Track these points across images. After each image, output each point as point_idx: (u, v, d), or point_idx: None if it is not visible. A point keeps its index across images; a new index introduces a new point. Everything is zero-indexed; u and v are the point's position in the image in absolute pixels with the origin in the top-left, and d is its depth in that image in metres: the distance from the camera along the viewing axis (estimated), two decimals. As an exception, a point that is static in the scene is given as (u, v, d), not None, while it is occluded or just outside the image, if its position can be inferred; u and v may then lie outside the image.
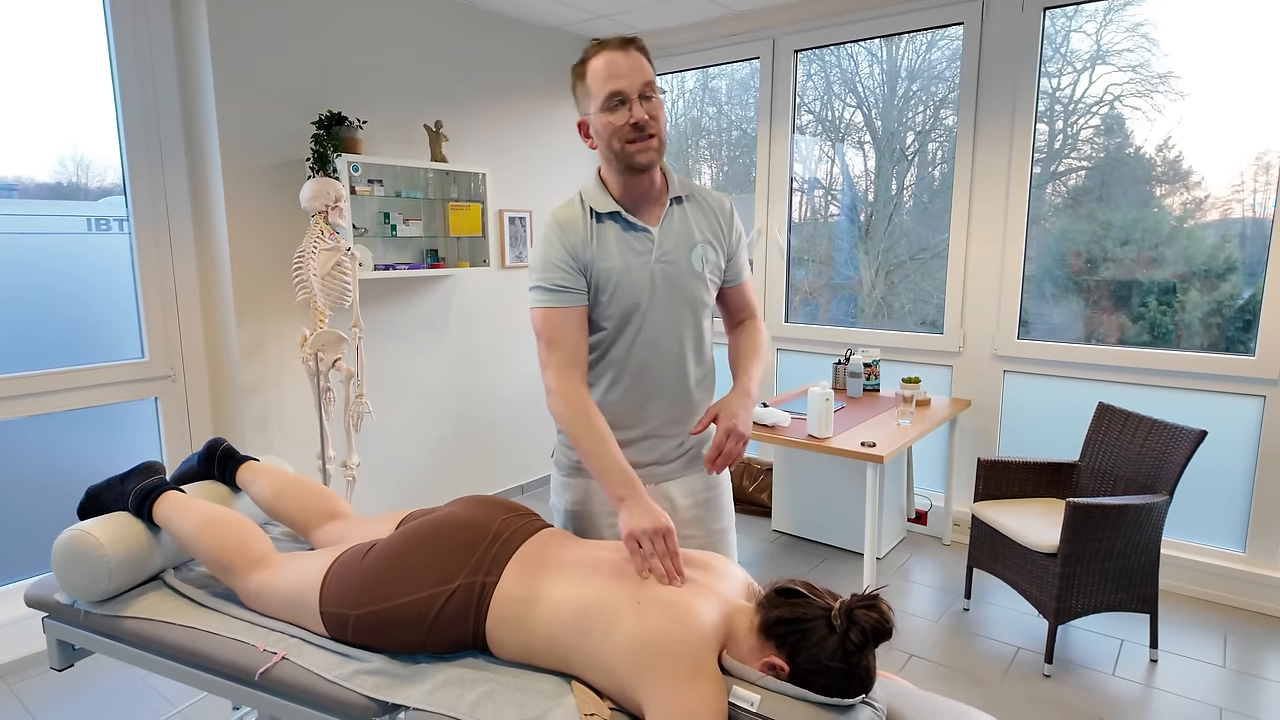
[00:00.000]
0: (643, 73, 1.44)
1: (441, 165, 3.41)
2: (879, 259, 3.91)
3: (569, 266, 1.49)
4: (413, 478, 3.72)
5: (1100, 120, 3.22)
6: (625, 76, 1.43)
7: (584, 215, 1.52)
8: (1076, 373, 3.32)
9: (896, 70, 3.75)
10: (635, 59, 1.44)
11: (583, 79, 1.48)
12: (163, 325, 2.95)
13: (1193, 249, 3.05)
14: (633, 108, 1.43)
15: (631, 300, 1.51)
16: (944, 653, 2.70)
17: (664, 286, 1.53)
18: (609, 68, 1.43)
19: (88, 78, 2.71)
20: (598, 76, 1.45)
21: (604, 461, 1.40)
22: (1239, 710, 2.36)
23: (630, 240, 1.52)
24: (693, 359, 1.59)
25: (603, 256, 1.50)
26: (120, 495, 1.64)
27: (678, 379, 1.58)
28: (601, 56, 1.45)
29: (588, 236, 1.51)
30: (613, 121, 1.44)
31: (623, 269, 1.50)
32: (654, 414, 1.58)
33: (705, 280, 1.58)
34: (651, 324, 1.53)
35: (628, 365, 1.55)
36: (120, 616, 1.51)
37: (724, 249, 1.62)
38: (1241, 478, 3.03)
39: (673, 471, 1.64)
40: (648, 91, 1.44)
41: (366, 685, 1.26)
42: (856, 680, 1.13)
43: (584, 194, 1.55)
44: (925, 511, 3.74)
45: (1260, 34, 2.82)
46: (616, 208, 1.52)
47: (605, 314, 1.53)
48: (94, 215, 2.80)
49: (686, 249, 1.55)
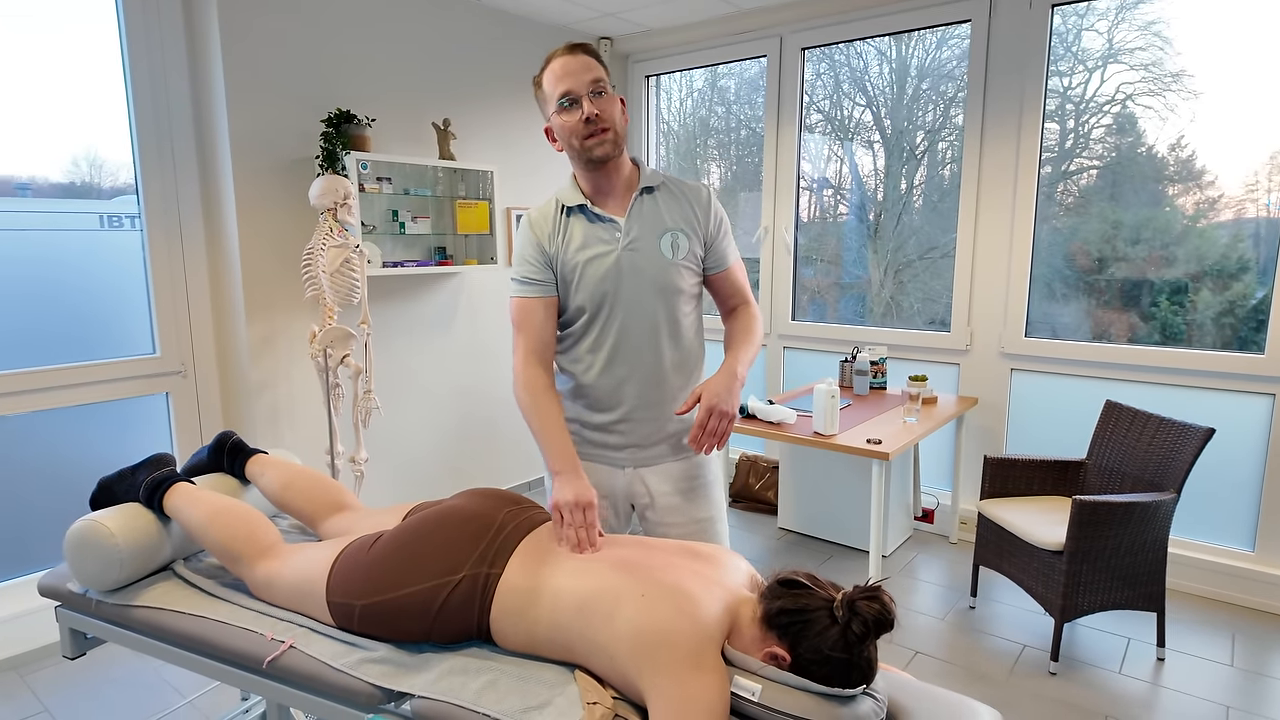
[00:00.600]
0: (590, 70, 1.51)
1: (449, 163, 3.43)
2: (888, 258, 3.90)
3: (537, 260, 1.62)
4: (420, 473, 3.74)
5: (1112, 119, 3.20)
6: (574, 75, 1.50)
7: (554, 211, 1.64)
8: (1084, 371, 3.31)
9: (906, 69, 3.74)
10: (583, 59, 1.51)
11: (540, 86, 1.57)
12: (174, 321, 2.98)
13: (1205, 248, 3.03)
14: (583, 104, 1.51)
15: (599, 287, 1.59)
16: (950, 650, 2.69)
17: (632, 273, 1.59)
18: (558, 71, 1.52)
19: (101, 79, 2.74)
20: (550, 80, 1.53)
21: (547, 438, 1.53)
22: (1247, 709, 2.35)
23: (598, 231, 1.61)
24: (668, 344, 1.64)
25: (570, 248, 1.61)
26: (131, 486, 1.66)
27: (651, 363, 1.63)
28: (554, 62, 1.53)
29: (554, 230, 1.62)
30: (567, 121, 1.53)
31: (589, 258, 1.59)
32: (628, 396, 1.64)
33: (678, 267, 1.62)
34: (622, 309, 1.60)
35: (601, 349, 1.63)
36: (131, 605, 1.53)
37: (700, 236, 1.65)
38: (1251, 476, 3.01)
39: (654, 457, 1.69)
40: (597, 88, 1.52)
41: (372, 673, 1.28)
42: (858, 671, 1.13)
43: (558, 192, 1.66)
44: (932, 510, 3.74)
45: (1275, 31, 2.80)
46: (583, 201, 1.61)
47: (576, 301, 1.62)
48: (106, 212, 2.83)
49: (655, 236, 1.61)
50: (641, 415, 1.65)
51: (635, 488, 1.70)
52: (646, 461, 1.69)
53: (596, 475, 1.70)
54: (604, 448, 1.69)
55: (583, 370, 1.66)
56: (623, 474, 1.70)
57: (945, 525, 3.72)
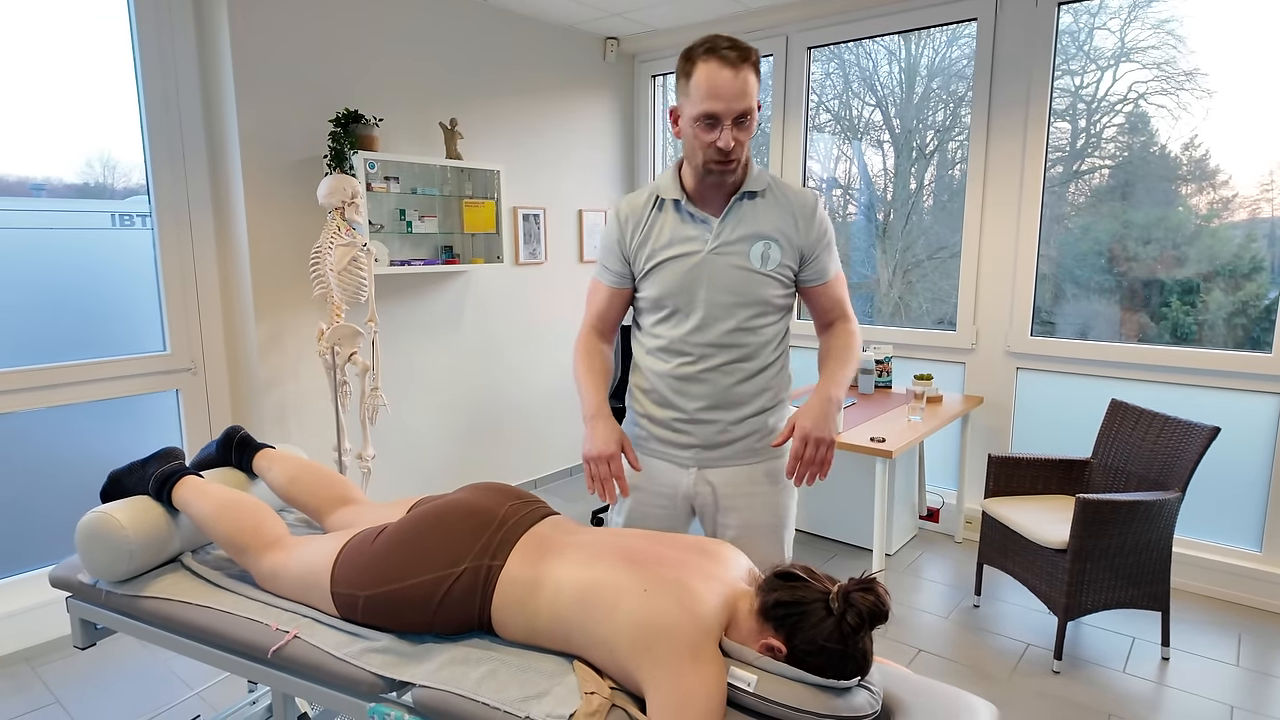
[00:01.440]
0: (744, 98, 1.43)
1: (456, 162, 3.45)
2: (896, 258, 3.90)
3: (614, 252, 1.65)
4: (427, 470, 3.77)
5: (1124, 118, 3.19)
6: (724, 100, 1.42)
7: (645, 202, 1.63)
8: (1090, 370, 3.30)
9: (916, 68, 3.74)
10: (742, 80, 1.42)
11: (686, 78, 1.46)
12: (184, 319, 3.01)
13: (1217, 248, 3.02)
14: (723, 133, 1.44)
15: (679, 286, 1.58)
16: (953, 648, 2.69)
17: (714, 277, 1.56)
18: (711, 85, 1.42)
19: (113, 80, 2.78)
20: (699, 88, 1.43)
21: (582, 390, 1.62)
22: (1252, 709, 2.35)
23: (688, 229, 1.58)
24: (744, 352, 1.59)
25: (655, 242, 1.60)
26: (141, 479, 1.68)
27: (724, 369, 1.60)
28: (710, 66, 1.42)
29: (640, 223, 1.61)
30: (701, 136, 1.47)
31: (673, 256, 1.57)
32: (697, 397, 1.61)
33: (766, 277, 1.57)
34: (699, 311, 1.58)
35: (673, 346, 1.61)
36: (140, 596, 1.55)
37: (796, 247, 1.59)
38: (1258, 476, 3.00)
39: (720, 459, 1.65)
40: (744, 120, 1.44)
41: (375, 663, 1.30)
42: (853, 662, 1.15)
43: (657, 180, 1.64)
44: (937, 509, 3.73)
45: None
46: (679, 196, 1.57)
47: (655, 294, 1.61)
48: (118, 211, 2.87)
49: (748, 243, 1.56)
50: (709, 418, 1.62)
51: (699, 488, 1.66)
52: (711, 463, 1.65)
53: (660, 473, 1.69)
54: (669, 445, 1.67)
55: (655, 362, 1.65)
56: (686, 473, 1.67)
57: (950, 524, 3.71)
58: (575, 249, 4.39)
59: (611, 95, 4.51)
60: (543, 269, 4.20)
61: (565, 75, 4.19)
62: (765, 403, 1.64)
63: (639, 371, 1.70)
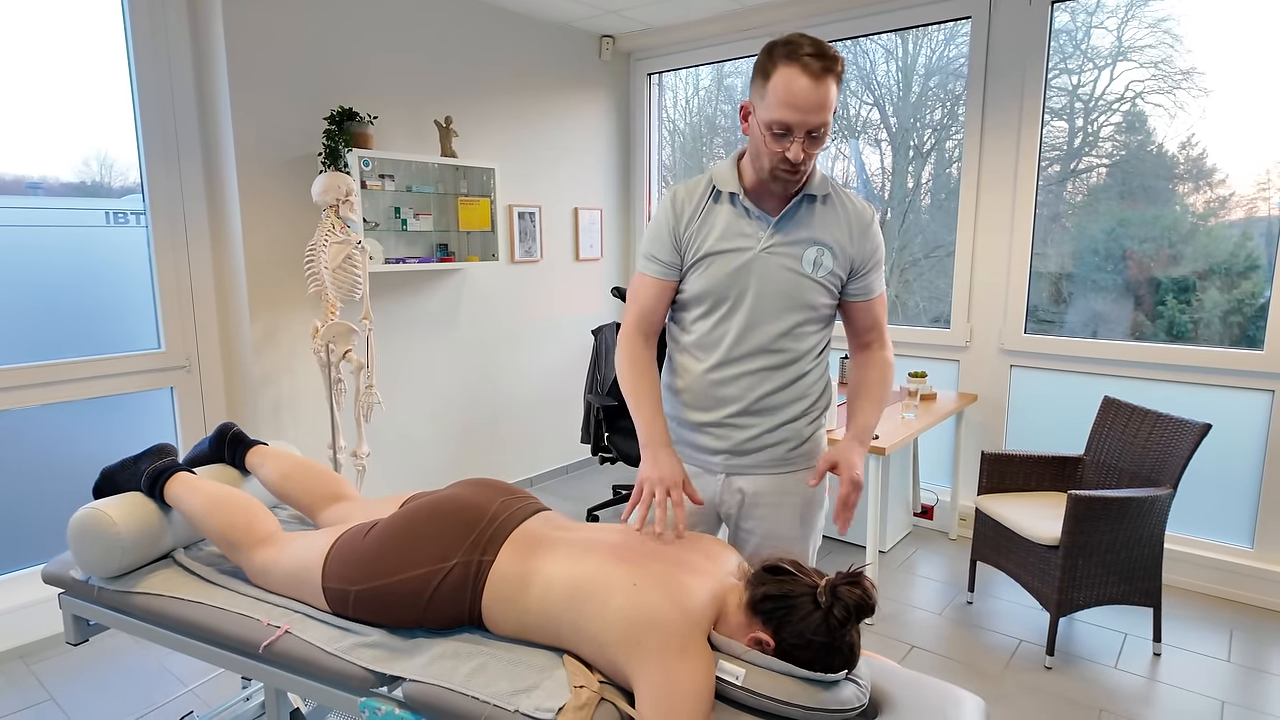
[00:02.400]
0: (821, 111, 1.36)
1: (451, 160, 3.46)
2: (893, 257, 3.91)
3: (664, 240, 1.56)
4: (422, 468, 3.77)
5: (1121, 117, 3.20)
6: (801, 111, 1.35)
7: (702, 192, 1.56)
8: (1084, 367, 3.31)
9: (914, 67, 3.75)
10: (823, 92, 1.35)
11: (765, 78, 1.39)
12: (178, 317, 3.01)
13: (1213, 247, 3.03)
14: (793, 146, 1.39)
15: (726, 282, 1.52)
16: (946, 644, 2.70)
17: (763, 277, 1.51)
18: (790, 93, 1.35)
19: (108, 79, 2.77)
20: (777, 93, 1.36)
21: (641, 414, 1.51)
22: (1242, 704, 2.36)
23: (743, 224, 1.52)
24: (782, 357, 1.55)
25: (707, 234, 1.53)
26: (133, 476, 1.69)
27: (760, 373, 1.55)
28: (791, 72, 1.35)
29: (695, 213, 1.54)
30: (770, 144, 1.41)
31: (724, 250, 1.52)
32: (732, 400, 1.56)
33: (816, 283, 1.52)
34: (744, 311, 1.53)
35: (711, 345, 1.56)
36: (132, 592, 1.56)
37: (848, 258, 1.55)
38: (1250, 473, 3.01)
39: (750, 466, 1.60)
40: (817, 131, 1.39)
41: (365, 658, 1.30)
42: (840, 655, 1.15)
43: (714, 169, 1.57)
44: (931, 506, 3.74)
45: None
46: (737, 189, 1.52)
47: (700, 288, 1.55)
48: (112, 209, 2.87)
49: (801, 247, 1.51)
50: (742, 423, 1.57)
51: (726, 495, 1.62)
52: (741, 470, 1.60)
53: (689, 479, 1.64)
54: (699, 450, 1.62)
55: (692, 362, 1.59)
56: (714, 479, 1.62)
57: (945, 521, 3.72)
58: (571, 247, 4.39)
59: (607, 94, 4.51)
60: (538, 267, 4.21)
61: (560, 73, 4.19)
62: (800, 410, 1.59)
63: (672, 370, 1.65)
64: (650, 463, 1.43)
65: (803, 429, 1.60)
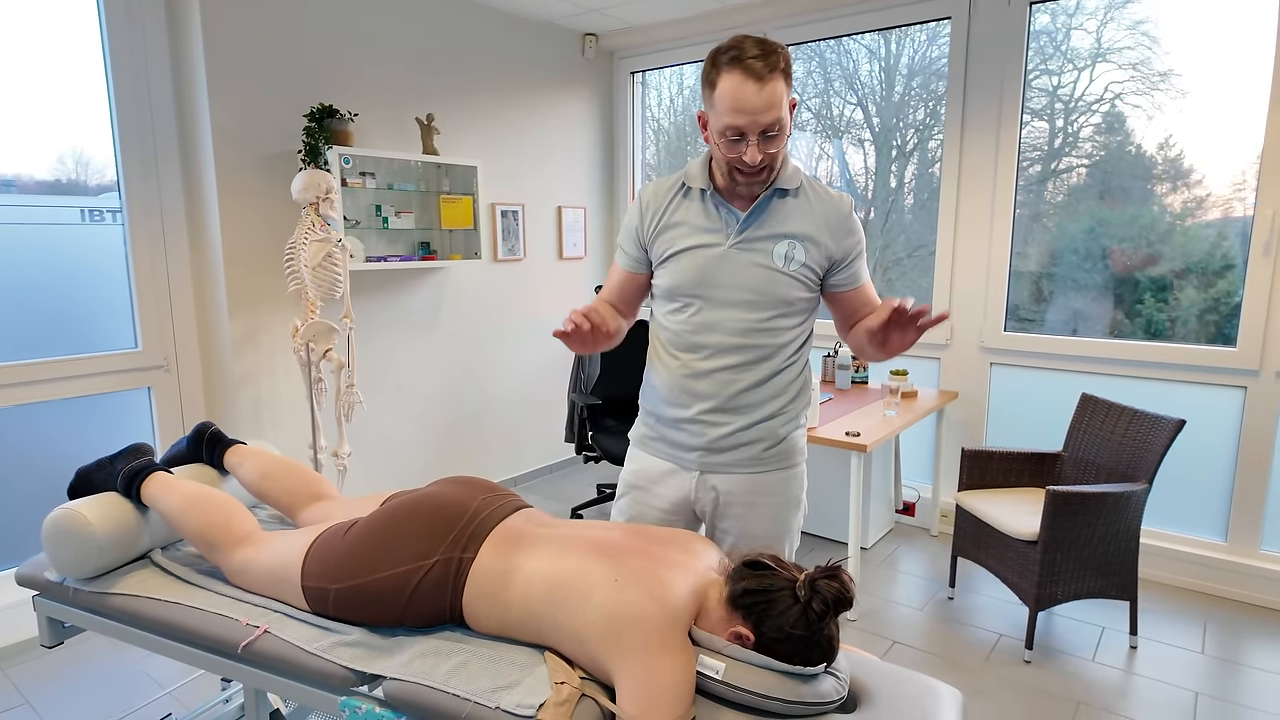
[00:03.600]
0: (770, 110, 1.35)
1: (433, 158, 3.44)
2: (876, 256, 3.93)
3: (631, 236, 1.63)
4: (404, 468, 3.75)
5: (1101, 118, 3.23)
6: (749, 114, 1.35)
7: (670, 188, 1.59)
8: (1062, 365, 3.35)
9: (896, 67, 3.77)
10: (769, 91, 1.34)
11: (712, 87, 1.39)
12: (156, 316, 2.98)
13: (1190, 246, 3.07)
14: (749, 150, 1.38)
15: (695, 277, 1.53)
16: (927, 640, 2.73)
17: (732, 272, 1.51)
18: (736, 98, 1.34)
19: (84, 76, 2.74)
20: (724, 100, 1.36)
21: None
22: (1215, 695, 2.40)
23: (712, 220, 1.53)
24: (757, 353, 1.54)
25: (675, 230, 1.56)
26: (109, 476, 1.67)
27: (734, 369, 1.54)
28: (734, 78, 1.34)
29: (662, 208, 1.57)
30: (727, 151, 1.41)
31: (693, 245, 1.53)
32: (703, 397, 1.56)
33: (787, 277, 1.51)
34: (714, 306, 1.53)
35: (684, 340, 1.57)
36: (108, 593, 1.54)
37: (822, 250, 1.53)
38: (1223, 468, 3.06)
39: (724, 464, 1.59)
40: (771, 131, 1.38)
41: (345, 656, 1.29)
42: (819, 649, 1.16)
43: (688, 167, 1.59)
44: (913, 503, 3.77)
45: (1261, 32, 2.84)
46: (707, 186, 1.53)
47: (667, 284, 1.57)
48: (88, 207, 2.83)
49: (771, 240, 1.51)
50: (716, 419, 1.56)
51: (701, 493, 1.62)
52: (715, 468, 1.60)
53: (664, 475, 1.65)
54: (675, 446, 1.62)
55: (667, 357, 1.60)
56: (689, 477, 1.62)
57: (926, 518, 3.76)
58: (554, 246, 4.39)
59: (590, 92, 4.50)
60: (522, 265, 4.20)
61: (543, 71, 4.18)
62: (775, 409, 1.58)
63: (652, 364, 1.65)
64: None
65: (777, 429, 1.59)
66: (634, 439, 1.74)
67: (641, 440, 1.71)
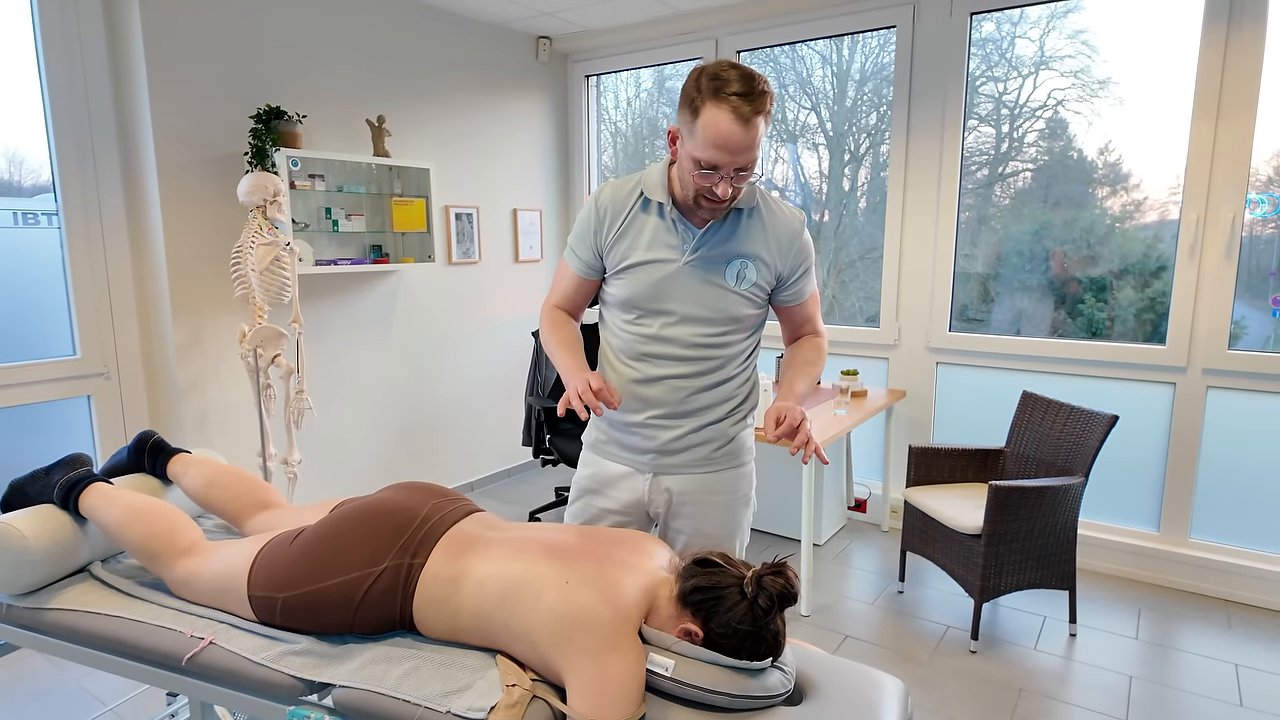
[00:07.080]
0: (748, 153, 1.38)
1: (385, 160, 3.40)
2: (830, 258, 4.01)
3: (586, 241, 1.61)
4: (356, 475, 3.70)
5: (1045, 124, 3.35)
6: (730, 153, 1.37)
7: (628, 195, 1.57)
8: (1005, 363, 3.46)
9: (849, 73, 3.85)
10: (752, 134, 1.36)
11: (694, 114, 1.38)
12: (95, 321, 2.89)
13: (1127, 248, 3.20)
14: (721, 184, 1.41)
15: (650, 291, 1.54)
16: (878, 633, 2.80)
17: (686, 289, 1.53)
18: (720, 135, 1.35)
19: (14, 69, 2.64)
20: (706, 133, 1.36)
21: (562, 358, 1.56)
22: (1148, 678, 2.51)
23: (668, 236, 1.54)
24: (706, 365, 1.57)
25: (629, 241, 1.55)
26: (45, 487, 1.62)
27: (684, 378, 1.57)
28: (720, 114, 1.35)
29: (618, 219, 1.56)
30: (698, 180, 1.42)
31: (649, 260, 1.54)
32: (654, 403, 1.59)
33: (739, 296, 1.55)
34: (667, 320, 1.55)
35: (635, 349, 1.59)
36: (45, 609, 1.49)
37: (774, 269, 1.57)
38: (1155, 461, 3.20)
39: (676, 465, 1.63)
40: (745, 168, 1.40)
41: (294, 665, 1.28)
42: (765, 644, 1.19)
43: (646, 174, 1.57)
44: (864, 499, 3.86)
45: (1187, 44, 2.96)
46: (665, 201, 1.53)
47: (621, 296, 1.58)
48: (21, 209, 2.73)
49: (724, 259, 1.53)
50: (667, 424, 1.60)
51: (654, 494, 1.65)
52: (668, 469, 1.63)
53: (616, 477, 1.68)
54: (627, 449, 1.65)
55: (618, 363, 1.62)
56: (643, 479, 1.65)
57: (877, 514, 3.84)
58: (510, 248, 4.37)
59: (544, 95, 4.50)
60: (476, 268, 4.17)
61: (497, 74, 4.17)
62: (725, 412, 1.62)
63: (602, 369, 1.67)
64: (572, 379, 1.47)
65: (727, 429, 1.64)
66: (588, 443, 1.75)
67: (595, 444, 1.73)
